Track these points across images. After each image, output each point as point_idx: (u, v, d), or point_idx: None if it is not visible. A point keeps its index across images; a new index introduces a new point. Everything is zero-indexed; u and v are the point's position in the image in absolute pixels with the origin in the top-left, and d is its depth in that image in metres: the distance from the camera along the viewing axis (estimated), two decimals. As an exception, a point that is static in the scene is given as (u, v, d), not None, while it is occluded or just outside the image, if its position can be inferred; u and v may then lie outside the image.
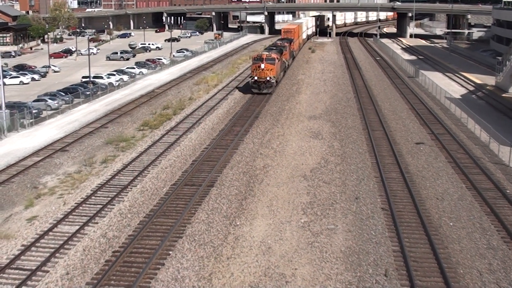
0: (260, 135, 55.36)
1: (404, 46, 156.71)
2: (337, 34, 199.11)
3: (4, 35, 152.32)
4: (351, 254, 30.02)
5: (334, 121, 61.39)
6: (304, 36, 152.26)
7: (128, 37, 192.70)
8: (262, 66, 76.33)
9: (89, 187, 41.08)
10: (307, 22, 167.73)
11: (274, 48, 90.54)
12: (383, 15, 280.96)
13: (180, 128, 58.94)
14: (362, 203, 37.28)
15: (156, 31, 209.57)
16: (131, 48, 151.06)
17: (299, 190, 39.75)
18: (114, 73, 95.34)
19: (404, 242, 30.97)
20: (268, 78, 76.66)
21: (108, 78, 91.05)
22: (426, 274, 27.79)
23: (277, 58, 79.33)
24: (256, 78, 77.23)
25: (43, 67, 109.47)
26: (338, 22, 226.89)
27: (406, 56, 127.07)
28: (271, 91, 78.08)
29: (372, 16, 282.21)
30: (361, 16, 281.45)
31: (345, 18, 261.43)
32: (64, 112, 68.73)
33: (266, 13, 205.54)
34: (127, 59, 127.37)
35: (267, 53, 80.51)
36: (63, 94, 75.04)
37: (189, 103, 72.69)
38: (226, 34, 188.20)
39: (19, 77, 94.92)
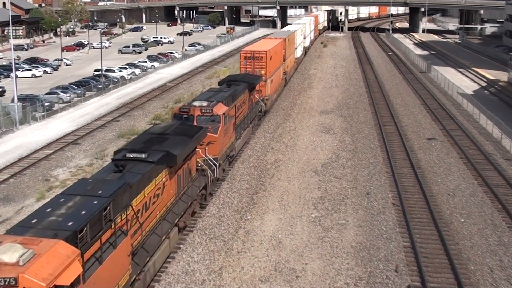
0: (272, 129, 55.32)
1: (416, 41, 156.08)
2: (350, 28, 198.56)
3: (17, 28, 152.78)
4: (361, 249, 29.97)
5: (345, 116, 61.26)
6: (298, 52, 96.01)
7: (140, 30, 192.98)
8: None
9: (101, 180, 41.12)
10: (305, 27, 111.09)
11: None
12: (364, 12, 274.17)
13: (192, 122, 58.88)
14: (373, 198, 37.20)
15: (168, 25, 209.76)
16: (143, 41, 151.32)
17: (310, 185, 39.71)
18: (126, 66, 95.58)
19: (415, 238, 30.89)
20: None
21: (120, 71, 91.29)
22: (437, 270, 27.69)
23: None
24: None
25: (55, 60, 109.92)
26: (350, 17, 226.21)
27: (419, 51, 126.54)
28: None
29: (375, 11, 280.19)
30: (374, 10, 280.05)
31: (359, 11, 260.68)
32: (76, 105, 68.95)
33: (278, 7, 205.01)
34: (139, 53, 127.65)
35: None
36: (75, 87, 75.31)
37: (200, 97, 72.66)
38: (238, 28, 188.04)
39: (31, 70, 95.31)
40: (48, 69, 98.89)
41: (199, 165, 33.98)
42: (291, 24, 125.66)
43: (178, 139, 29.31)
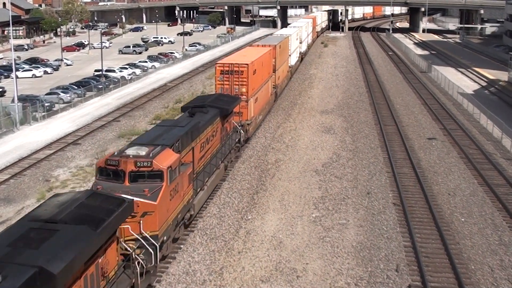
0: (272, 129, 55.31)
1: (416, 41, 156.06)
2: (350, 28, 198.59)
3: (17, 28, 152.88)
4: (362, 249, 29.97)
5: (346, 116, 61.25)
6: (293, 59, 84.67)
7: (141, 30, 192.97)
8: None
9: (101, 180, 41.08)
10: (302, 30, 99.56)
11: None
12: (359, 12, 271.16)
13: (192, 122, 58.82)
14: (373, 198, 37.20)
15: (168, 25, 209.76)
16: (143, 41, 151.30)
17: (310, 185, 39.71)
18: (127, 66, 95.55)
19: (416, 237, 30.90)
20: None
21: (121, 71, 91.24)
22: (438, 270, 27.70)
23: None
24: None
25: (56, 60, 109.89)
26: (351, 16, 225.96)
27: (419, 51, 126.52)
28: None
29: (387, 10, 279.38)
30: (369, 11, 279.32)
31: (353, 12, 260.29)
32: (76, 106, 68.95)
33: (278, 7, 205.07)
34: (140, 53, 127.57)
35: None
36: (76, 87, 75.29)
37: (201, 97, 72.66)
38: (238, 28, 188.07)
39: (31, 70, 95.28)
40: (49, 69, 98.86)
41: (129, 250, 22.81)
42: (290, 24, 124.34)
43: (72, 233, 17.38)
